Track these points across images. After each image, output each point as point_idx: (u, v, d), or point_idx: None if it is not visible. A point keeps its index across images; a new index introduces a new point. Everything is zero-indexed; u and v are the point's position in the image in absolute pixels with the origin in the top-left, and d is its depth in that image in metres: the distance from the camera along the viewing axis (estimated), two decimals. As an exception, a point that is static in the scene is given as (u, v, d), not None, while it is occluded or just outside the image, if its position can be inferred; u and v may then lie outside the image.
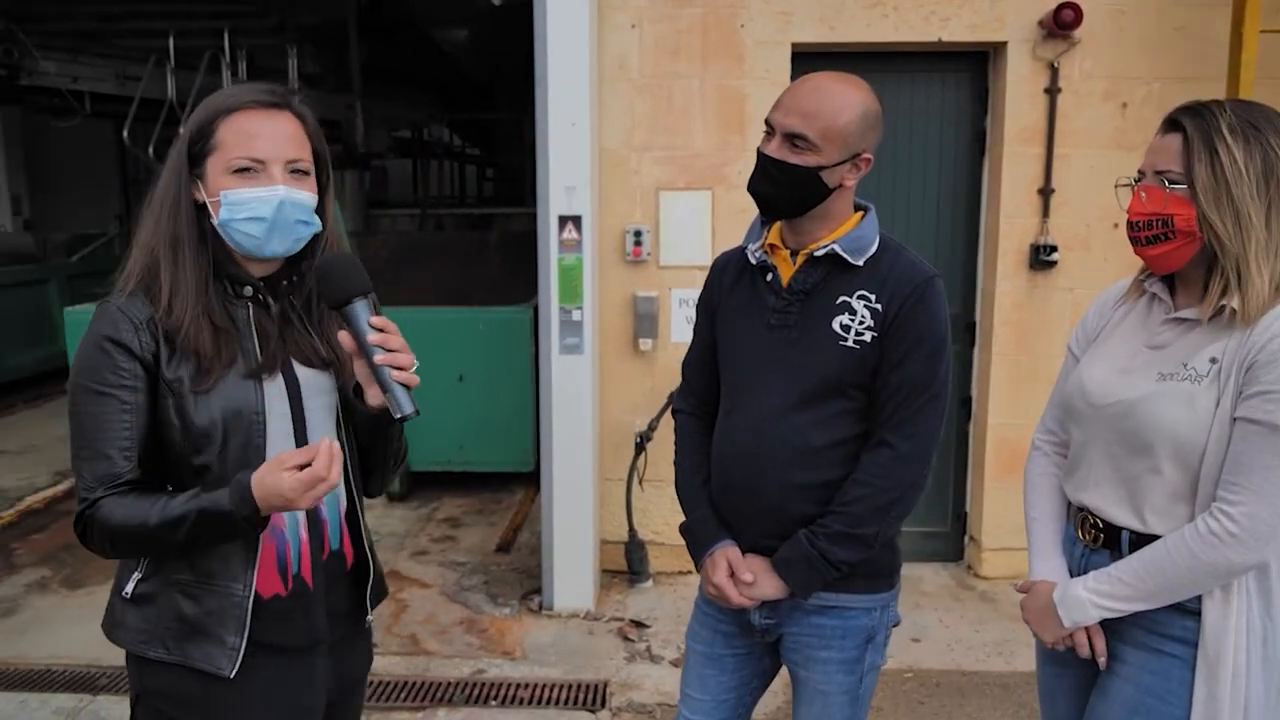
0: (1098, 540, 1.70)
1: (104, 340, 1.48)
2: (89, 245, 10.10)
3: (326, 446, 1.42)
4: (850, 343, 1.82)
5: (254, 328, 1.57)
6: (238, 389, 1.52)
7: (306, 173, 1.58)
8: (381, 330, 1.51)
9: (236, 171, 1.51)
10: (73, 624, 4.04)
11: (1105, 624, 1.68)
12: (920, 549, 4.68)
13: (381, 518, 5.49)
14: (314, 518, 1.65)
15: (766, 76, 4.17)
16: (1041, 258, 4.25)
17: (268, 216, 1.51)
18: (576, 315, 4.01)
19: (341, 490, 1.70)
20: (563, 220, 3.95)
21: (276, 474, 1.41)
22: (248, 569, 1.55)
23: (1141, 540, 1.63)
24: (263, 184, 1.51)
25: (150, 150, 8.78)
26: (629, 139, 4.27)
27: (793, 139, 1.78)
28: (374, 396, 1.59)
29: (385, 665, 3.74)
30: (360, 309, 1.51)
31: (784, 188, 1.82)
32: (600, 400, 4.35)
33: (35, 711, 3.41)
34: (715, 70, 4.21)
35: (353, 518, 1.73)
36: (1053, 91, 4.15)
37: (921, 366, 1.81)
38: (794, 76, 4.26)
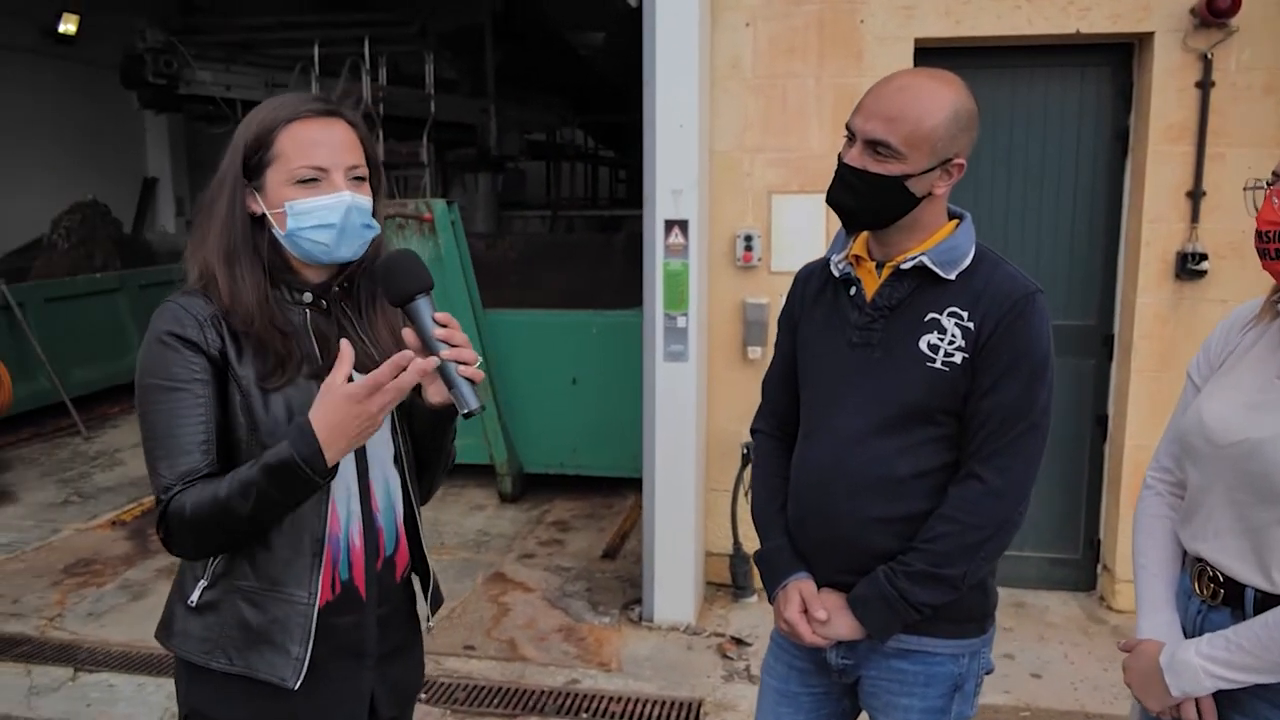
0: (1217, 596, 1.49)
1: (168, 336, 1.46)
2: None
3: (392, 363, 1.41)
4: (939, 364, 1.66)
5: (311, 332, 1.56)
6: (303, 390, 1.50)
7: (364, 178, 1.57)
8: (445, 326, 1.50)
9: (301, 182, 1.50)
10: (194, 611, 4.21)
11: (1222, 691, 1.47)
12: (1047, 576, 4.38)
13: (492, 519, 5.54)
14: (369, 523, 1.61)
15: (887, 74, 3.97)
16: (1189, 266, 3.90)
17: (336, 223, 1.50)
18: (681, 322, 3.92)
19: (399, 496, 1.67)
20: (669, 224, 3.86)
21: (330, 393, 1.40)
22: (312, 575, 1.52)
23: (1269, 601, 1.41)
24: (326, 192, 1.50)
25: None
26: (741, 141, 4.14)
27: (874, 146, 1.63)
28: (435, 393, 1.58)
29: (481, 669, 3.74)
30: (424, 305, 1.50)
31: (866, 199, 1.67)
32: (708, 409, 4.24)
33: (151, 695, 3.56)
34: (832, 68, 4.04)
35: (410, 524, 1.71)
36: (1205, 85, 3.80)
37: (1018, 392, 1.63)
38: (917, 73, 4.05)
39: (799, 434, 1.86)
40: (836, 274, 1.79)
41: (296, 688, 1.52)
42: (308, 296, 1.57)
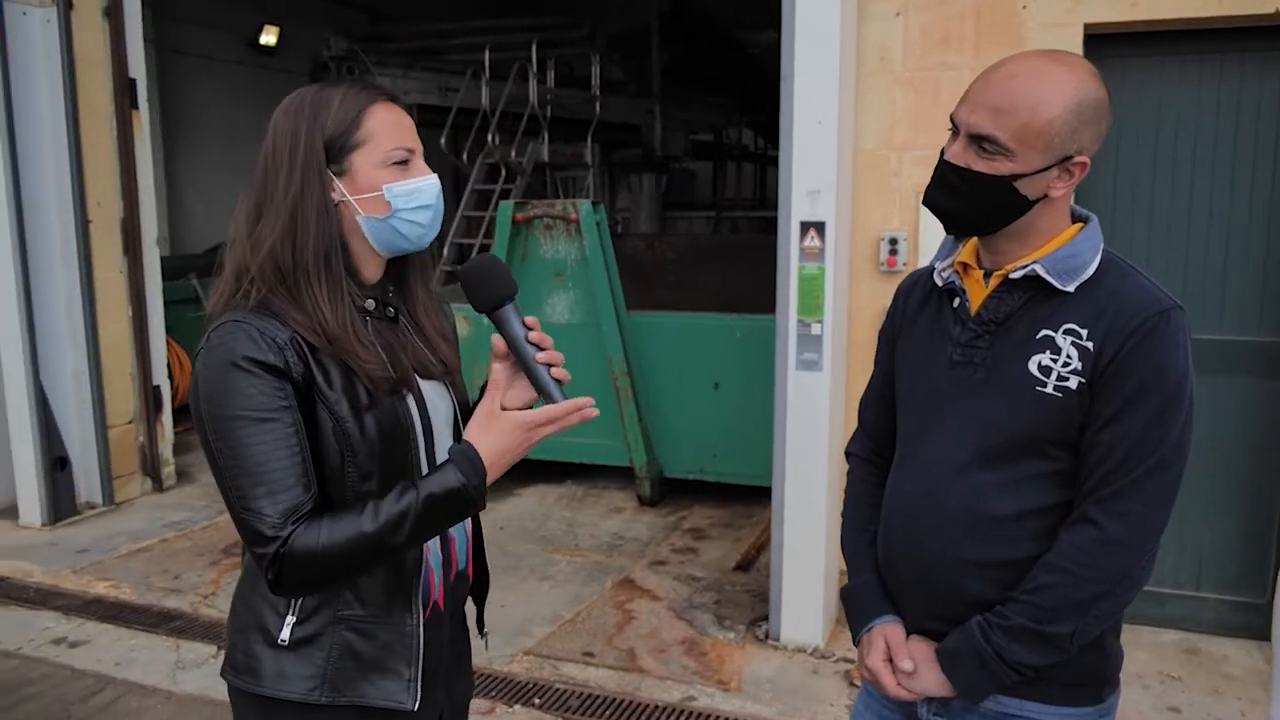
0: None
1: (247, 362, 1.32)
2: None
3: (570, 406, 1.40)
4: (1050, 389, 1.44)
5: (378, 342, 1.47)
6: (386, 410, 1.43)
7: None
8: (531, 329, 1.44)
9: (396, 164, 1.43)
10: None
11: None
12: (1228, 622, 3.92)
13: (629, 522, 5.48)
14: (444, 537, 1.56)
15: (1051, 64, 3.64)
16: None
17: (432, 204, 1.47)
18: (816, 329, 3.72)
19: None
20: (804, 227, 3.68)
21: (497, 419, 1.36)
22: (414, 596, 1.48)
23: None
24: (417, 174, 1.45)
25: (464, 156, 9.47)
26: (888, 138, 3.90)
27: (979, 141, 1.43)
28: (514, 399, 1.50)
29: (598, 678, 3.67)
30: (511, 311, 1.45)
31: (969, 201, 1.47)
32: (844, 421, 4.02)
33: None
34: (989, 59, 3.66)
35: (476, 533, 1.67)
36: None
37: (1145, 424, 1.40)
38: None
39: (894, 459, 1.68)
40: (939, 283, 1.60)
41: (415, 709, 1.48)
42: (371, 303, 1.49)
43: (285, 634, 1.43)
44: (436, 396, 1.54)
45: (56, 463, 5.47)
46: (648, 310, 5.83)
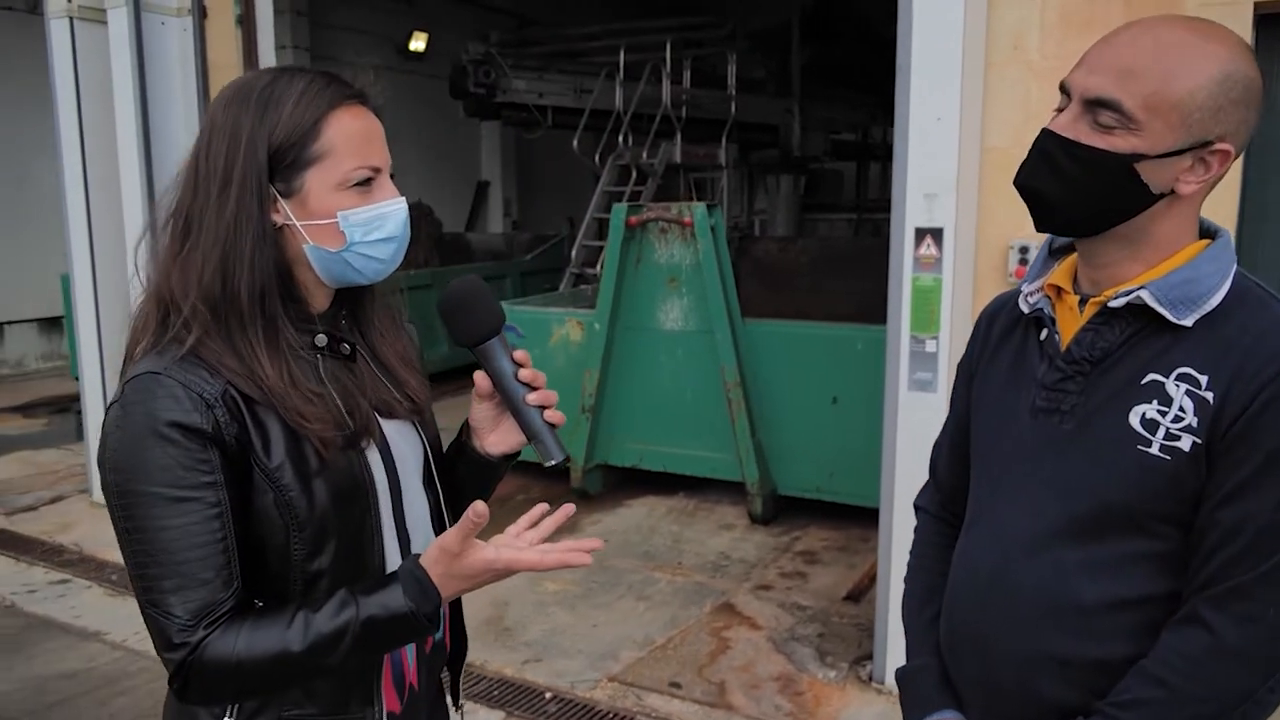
0: None
1: (166, 427, 1.11)
2: (544, 245, 11.10)
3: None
4: (1155, 449, 1.14)
5: (330, 386, 1.24)
6: (340, 470, 1.21)
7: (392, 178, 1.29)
8: (522, 365, 1.28)
9: (357, 185, 1.20)
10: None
11: None
12: None
13: (738, 541, 5.22)
14: None
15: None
16: None
17: (398, 235, 1.24)
18: (930, 346, 3.39)
19: None
20: (920, 234, 3.35)
21: (466, 557, 1.14)
22: (377, 685, 1.28)
23: None
24: (381, 198, 1.23)
25: (596, 157, 9.40)
26: (1020, 136, 3.51)
27: (1096, 107, 1.13)
28: (497, 443, 1.36)
29: (681, 711, 3.45)
30: (498, 345, 1.28)
31: (1075, 186, 1.16)
32: (965, 446, 3.66)
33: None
34: (1141, 45, 3.30)
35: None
36: None
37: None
38: (1260, 49, 3.23)
39: (965, 519, 1.40)
40: (1026, 309, 1.31)
41: None
42: (321, 339, 1.25)
43: None
44: (404, 442, 1.32)
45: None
46: (774, 318, 5.56)
